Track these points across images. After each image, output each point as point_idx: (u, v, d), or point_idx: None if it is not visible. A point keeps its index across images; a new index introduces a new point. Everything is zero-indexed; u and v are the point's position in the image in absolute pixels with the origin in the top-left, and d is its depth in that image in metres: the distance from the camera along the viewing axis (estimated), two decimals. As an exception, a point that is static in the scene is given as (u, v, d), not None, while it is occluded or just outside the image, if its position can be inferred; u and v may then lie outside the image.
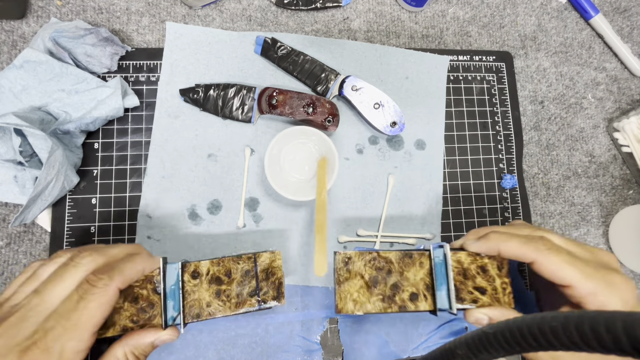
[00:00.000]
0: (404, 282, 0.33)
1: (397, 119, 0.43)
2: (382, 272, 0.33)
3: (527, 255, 0.30)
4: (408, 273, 0.33)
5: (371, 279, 0.33)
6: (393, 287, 0.33)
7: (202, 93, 0.42)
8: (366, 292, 0.32)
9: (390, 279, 0.33)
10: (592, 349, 0.14)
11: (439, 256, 0.33)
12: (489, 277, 0.33)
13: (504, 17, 0.52)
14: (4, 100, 0.38)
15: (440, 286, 0.33)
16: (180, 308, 0.31)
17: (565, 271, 0.29)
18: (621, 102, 0.52)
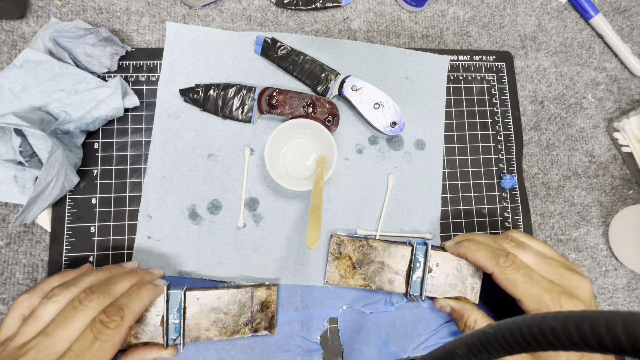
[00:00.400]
0: (386, 268, 0.39)
1: (397, 119, 0.44)
2: (367, 257, 0.40)
3: (487, 267, 0.36)
4: (390, 261, 0.40)
5: (357, 261, 0.39)
6: (375, 271, 0.39)
7: (202, 93, 0.42)
8: (351, 271, 0.39)
9: (373, 264, 0.39)
10: (592, 349, 0.14)
11: (421, 252, 0.40)
12: (462, 276, 0.40)
13: (504, 17, 0.52)
14: (4, 100, 0.38)
15: (414, 276, 0.39)
16: (181, 331, 0.35)
17: (516, 288, 0.34)
18: (621, 102, 0.52)
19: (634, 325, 0.13)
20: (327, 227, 0.43)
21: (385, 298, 0.42)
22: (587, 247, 0.48)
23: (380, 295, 0.42)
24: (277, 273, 0.41)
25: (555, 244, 0.48)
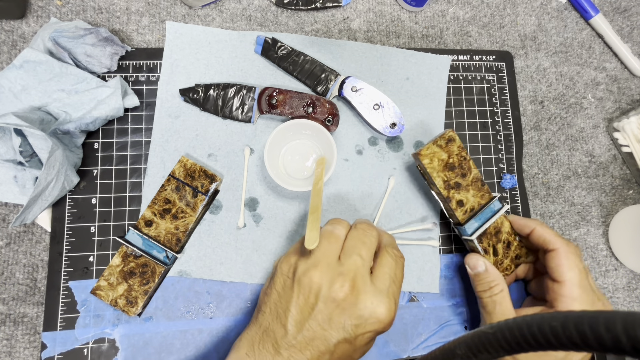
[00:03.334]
0: (463, 191, 0.40)
1: (396, 120, 0.43)
2: (461, 169, 0.40)
3: (555, 241, 0.36)
4: (472, 190, 0.40)
5: (449, 164, 0.39)
6: (456, 184, 0.39)
7: (202, 93, 0.42)
8: (442, 166, 0.39)
9: (460, 179, 0.40)
10: (591, 349, 0.14)
11: (495, 205, 0.40)
12: (506, 252, 0.40)
13: (504, 17, 0.52)
14: (4, 100, 0.38)
15: (478, 220, 0.39)
16: (163, 248, 0.39)
17: (572, 272, 0.35)
18: (621, 102, 0.52)
19: (634, 325, 0.13)
20: (327, 227, 0.43)
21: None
22: (587, 247, 0.48)
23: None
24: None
25: (555, 244, 0.48)
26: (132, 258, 0.38)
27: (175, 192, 0.40)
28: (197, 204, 0.40)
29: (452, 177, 0.39)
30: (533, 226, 0.38)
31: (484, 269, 0.37)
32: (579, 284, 0.34)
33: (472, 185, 0.39)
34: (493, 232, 0.39)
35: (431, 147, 0.39)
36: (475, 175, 0.40)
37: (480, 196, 0.40)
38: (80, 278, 0.39)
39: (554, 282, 0.35)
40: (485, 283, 0.37)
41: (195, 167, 0.40)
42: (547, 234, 0.36)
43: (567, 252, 0.35)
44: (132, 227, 0.39)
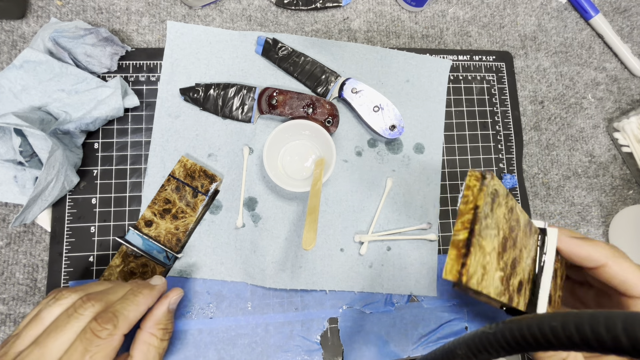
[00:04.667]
0: (519, 263, 0.22)
1: (396, 122, 0.43)
2: (512, 234, 0.21)
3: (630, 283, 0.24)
4: (524, 251, 0.22)
5: (504, 240, 0.20)
6: (512, 263, 0.21)
7: (202, 92, 0.42)
8: (495, 260, 0.19)
9: (514, 249, 0.21)
10: (592, 349, 0.14)
11: (546, 250, 0.24)
12: (555, 285, 0.25)
13: (504, 17, 0.52)
14: (4, 100, 0.38)
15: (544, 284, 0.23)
16: (163, 249, 0.39)
17: None
18: (621, 102, 0.52)
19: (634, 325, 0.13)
20: (324, 229, 0.43)
21: (385, 298, 0.42)
22: (587, 247, 0.48)
23: (381, 295, 0.42)
24: (274, 276, 0.41)
25: (555, 244, 0.48)
26: (132, 258, 0.38)
27: (175, 192, 0.40)
28: (197, 204, 0.39)
29: (508, 261, 0.21)
30: (603, 260, 0.25)
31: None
32: None
33: (524, 241, 0.22)
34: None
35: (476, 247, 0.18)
36: (524, 223, 0.22)
37: (531, 244, 0.23)
38: (80, 278, 0.39)
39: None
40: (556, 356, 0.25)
41: (195, 167, 0.40)
42: (626, 274, 0.24)
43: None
44: (132, 227, 0.39)
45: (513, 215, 0.20)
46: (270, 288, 0.41)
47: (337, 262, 0.42)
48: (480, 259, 0.18)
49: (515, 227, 0.21)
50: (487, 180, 0.18)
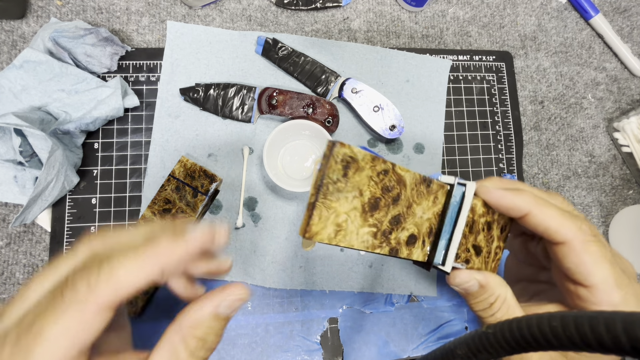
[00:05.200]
0: (409, 218, 0.24)
1: (396, 122, 0.43)
2: (388, 194, 0.23)
3: (564, 233, 0.24)
4: (417, 207, 0.24)
5: (371, 202, 0.22)
6: (394, 219, 0.23)
7: (202, 92, 0.42)
8: (359, 218, 0.22)
9: (395, 208, 0.23)
10: (591, 349, 0.14)
11: (456, 196, 0.25)
12: (489, 237, 0.26)
13: (504, 17, 0.52)
14: (4, 100, 0.38)
15: (444, 235, 0.25)
16: None
17: (597, 268, 0.23)
18: (621, 102, 0.52)
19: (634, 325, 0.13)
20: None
21: (385, 298, 0.42)
22: (587, 247, 0.48)
23: (381, 295, 0.42)
24: (274, 276, 0.41)
25: (555, 244, 0.48)
26: None
27: (175, 192, 0.39)
28: (197, 204, 0.39)
29: (384, 219, 0.23)
30: (526, 208, 0.25)
31: (477, 287, 0.26)
32: (616, 284, 0.23)
33: (415, 198, 0.24)
34: (467, 230, 0.26)
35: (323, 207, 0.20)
36: (413, 181, 0.24)
37: (433, 200, 0.24)
38: (80, 278, 0.39)
39: (577, 285, 0.24)
40: (484, 301, 0.26)
41: (195, 167, 0.40)
42: (548, 219, 0.24)
43: (584, 243, 0.24)
44: None
45: (389, 176, 0.22)
46: (270, 288, 0.41)
47: (337, 262, 0.42)
48: (332, 218, 0.20)
49: (395, 187, 0.23)
50: (335, 149, 0.20)
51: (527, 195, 0.25)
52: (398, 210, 0.23)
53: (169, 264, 0.19)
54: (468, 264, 0.26)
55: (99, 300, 0.17)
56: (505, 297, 0.26)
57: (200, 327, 0.20)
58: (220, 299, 0.20)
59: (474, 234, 0.26)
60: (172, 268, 0.19)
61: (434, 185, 0.24)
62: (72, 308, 0.17)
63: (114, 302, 0.17)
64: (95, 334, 0.18)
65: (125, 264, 0.18)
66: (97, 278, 0.17)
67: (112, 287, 0.17)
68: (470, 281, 0.26)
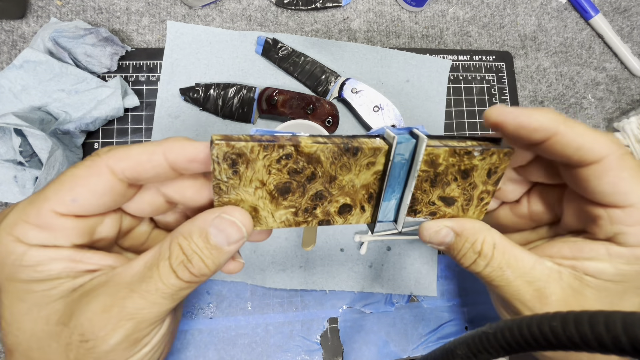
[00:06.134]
0: (334, 191, 0.22)
1: (396, 122, 0.43)
2: (299, 176, 0.21)
3: (598, 149, 0.20)
4: (343, 178, 0.22)
5: (279, 188, 0.21)
6: (315, 197, 0.22)
7: (202, 92, 0.42)
8: (269, 204, 0.21)
9: (312, 185, 0.21)
10: (591, 349, 0.14)
11: (403, 154, 0.22)
12: (467, 185, 0.24)
13: (504, 17, 0.52)
14: (4, 100, 0.38)
15: (391, 195, 0.23)
16: None
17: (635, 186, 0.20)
18: (621, 102, 0.52)
19: (634, 325, 0.13)
20: (324, 229, 0.43)
21: (385, 298, 0.42)
22: (587, 247, 0.48)
23: (381, 295, 0.42)
24: (274, 276, 0.41)
25: (555, 244, 0.48)
26: None
27: None
28: None
29: (301, 200, 0.21)
30: (553, 127, 0.20)
31: (453, 237, 0.23)
32: None
33: (338, 171, 0.21)
34: (428, 186, 0.23)
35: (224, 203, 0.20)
36: (330, 155, 0.21)
37: (366, 166, 0.22)
38: (80, 278, 0.39)
39: (610, 208, 0.21)
40: (469, 252, 0.23)
41: None
42: (580, 137, 0.20)
43: (621, 158, 0.20)
44: None
45: (294, 159, 0.20)
46: (270, 288, 0.41)
47: (337, 262, 0.42)
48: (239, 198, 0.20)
49: (307, 167, 0.21)
50: (213, 151, 0.19)
51: (551, 113, 0.21)
52: (317, 188, 0.21)
53: (172, 151, 0.19)
54: (435, 216, 0.24)
55: (106, 161, 0.19)
56: (494, 241, 0.23)
57: (188, 239, 0.19)
58: (213, 215, 0.19)
59: (439, 187, 0.23)
60: (175, 156, 0.19)
61: (363, 150, 0.21)
62: (86, 163, 0.19)
63: (117, 167, 0.19)
64: (93, 193, 0.19)
65: (138, 146, 0.19)
66: (114, 148, 0.19)
67: (120, 154, 0.19)
68: (440, 230, 0.23)
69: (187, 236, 0.19)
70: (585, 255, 0.22)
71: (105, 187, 0.19)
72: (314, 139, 0.21)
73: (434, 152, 0.22)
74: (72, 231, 0.19)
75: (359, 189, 0.22)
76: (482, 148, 0.23)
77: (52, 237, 0.19)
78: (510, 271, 0.22)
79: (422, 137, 0.21)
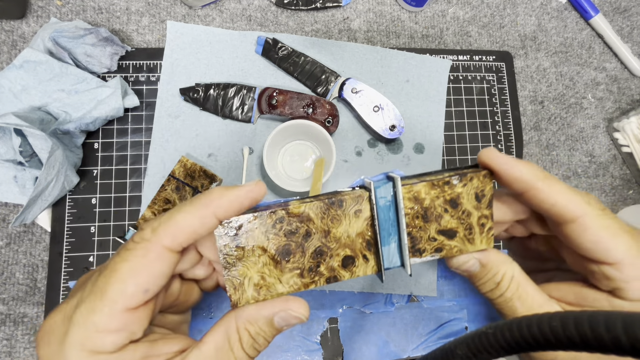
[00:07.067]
0: (332, 244, 0.23)
1: (396, 123, 0.43)
2: (295, 236, 0.22)
3: (572, 209, 0.22)
4: (337, 230, 0.23)
5: (279, 251, 0.22)
6: (315, 254, 0.23)
7: (202, 92, 0.42)
8: (274, 270, 0.22)
9: (309, 243, 0.23)
10: (591, 349, 0.14)
11: (385, 196, 0.23)
12: (461, 213, 0.24)
13: (504, 17, 0.52)
14: (4, 100, 0.38)
15: (388, 238, 0.23)
16: None
17: (623, 243, 0.21)
18: (621, 102, 0.52)
19: (634, 325, 0.13)
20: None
21: (385, 298, 0.42)
22: (587, 247, 0.48)
23: (381, 295, 0.42)
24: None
25: (555, 244, 0.48)
26: None
27: (175, 192, 0.39)
28: None
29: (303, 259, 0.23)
30: (532, 182, 0.22)
31: (478, 266, 0.24)
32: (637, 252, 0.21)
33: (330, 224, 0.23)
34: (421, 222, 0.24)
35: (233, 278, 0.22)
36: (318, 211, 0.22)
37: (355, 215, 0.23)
38: (80, 278, 0.39)
39: (601, 264, 0.22)
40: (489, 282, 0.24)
41: (195, 167, 0.40)
42: (555, 195, 0.22)
43: (597, 217, 0.21)
44: (132, 227, 0.39)
45: (286, 221, 0.22)
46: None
47: (337, 262, 0.42)
48: (247, 283, 0.22)
49: (300, 226, 0.22)
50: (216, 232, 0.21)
51: (533, 168, 0.22)
52: (315, 245, 0.23)
53: (220, 208, 0.20)
54: (441, 252, 0.24)
55: (160, 241, 0.19)
56: (513, 274, 0.23)
57: (254, 325, 0.21)
58: (279, 308, 0.21)
59: (433, 221, 0.24)
60: (224, 212, 0.20)
61: (347, 201, 0.23)
62: (138, 248, 0.19)
63: (175, 243, 0.19)
64: (159, 276, 0.19)
65: (182, 210, 0.20)
66: (159, 223, 0.19)
67: (172, 229, 0.19)
68: (469, 261, 0.24)
69: (253, 322, 0.21)
70: (588, 304, 0.23)
71: (171, 267, 0.20)
72: (301, 200, 0.23)
73: (413, 188, 0.23)
74: (145, 319, 0.20)
75: (355, 239, 0.23)
76: (459, 175, 0.24)
77: (129, 333, 0.19)
78: (519, 303, 0.23)
79: (395, 176, 0.23)
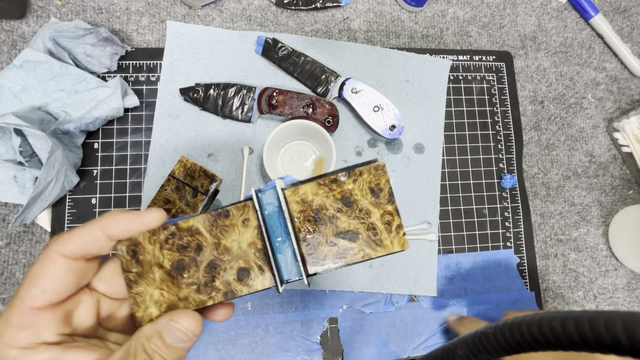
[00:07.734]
0: (225, 257, 0.22)
1: (396, 123, 0.43)
2: (187, 250, 0.22)
3: None
4: (227, 241, 0.22)
5: (174, 266, 0.22)
6: (209, 267, 0.22)
7: (202, 92, 0.42)
8: (172, 286, 0.22)
9: (202, 257, 0.22)
10: (592, 349, 0.14)
11: (271, 202, 0.22)
12: (358, 212, 0.23)
13: (504, 17, 0.52)
14: (4, 100, 0.38)
15: (282, 245, 0.23)
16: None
17: None
18: (621, 102, 0.52)
19: (634, 325, 0.13)
20: (327, 227, 0.43)
21: (385, 298, 0.42)
22: (587, 247, 0.48)
23: (381, 295, 0.42)
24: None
25: (555, 244, 0.48)
26: None
27: (175, 192, 0.39)
28: (197, 204, 0.39)
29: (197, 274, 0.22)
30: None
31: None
32: None
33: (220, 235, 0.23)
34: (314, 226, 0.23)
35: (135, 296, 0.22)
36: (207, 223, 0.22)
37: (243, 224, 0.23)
38: (80, 278, 0.39)
39: None
40: None
41: (195, 167, 0.40)
42: None
43: None
44: None
45: (178, 235, 0.22)
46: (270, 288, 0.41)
47: (337, 262, 0.42)
48: (148, 300, 0.22)
49: (192, 240, 0.22)
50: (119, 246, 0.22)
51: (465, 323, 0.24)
52: (207, 257, 0.22)
53: (108, 225, 0.22)
54: (344, 258, 0.22)
55: (54, 248, 0.21)
56: None
57: (150, 342, 0.21)
58: (165, 321, 0.21)
59: (328, 223, 0.22)
60: (112, 229, 0.22)
61: (232, 210, 0.22)
62: (41, 255, 0.21)
63: (65, 249, 0.21)
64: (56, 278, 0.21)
65: (80, 227, 0.22)
66: (61, 235, 0.22)
67: (64, 238, 0.22)
68: None
69: (148, 337, 0.21)
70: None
71: (63, 270, 0.21)
72: (193, 217, 0.23)
73: (298, 190, 0.22)
74: (53, 321, 0.21)
75: (247, 249, 0.22)
76: (347, 170, 0.23)
77: (37, 333, 0.20)
78: None
79: (277, 181, 0.23)
